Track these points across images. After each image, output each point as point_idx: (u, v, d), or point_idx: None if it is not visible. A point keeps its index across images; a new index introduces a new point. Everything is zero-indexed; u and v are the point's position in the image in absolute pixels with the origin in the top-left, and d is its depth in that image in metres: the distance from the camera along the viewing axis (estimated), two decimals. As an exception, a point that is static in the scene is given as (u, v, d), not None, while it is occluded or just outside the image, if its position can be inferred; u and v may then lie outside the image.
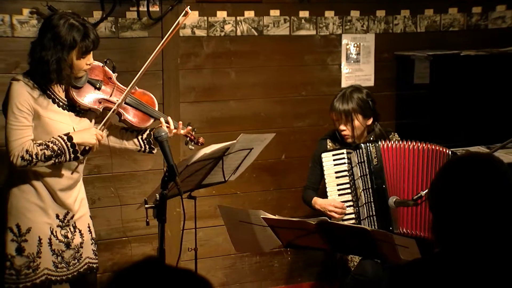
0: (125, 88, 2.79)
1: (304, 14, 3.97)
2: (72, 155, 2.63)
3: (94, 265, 2.88)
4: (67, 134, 2.63)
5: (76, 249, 2.80)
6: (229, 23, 3.82)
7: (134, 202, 3.60)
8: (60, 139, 2.61)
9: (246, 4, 3.82)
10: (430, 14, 4.27)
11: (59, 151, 2.59)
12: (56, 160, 2.61)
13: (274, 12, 3.90)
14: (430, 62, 3.94)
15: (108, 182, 3.06)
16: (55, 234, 2.74)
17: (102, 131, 2.73)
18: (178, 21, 2.79)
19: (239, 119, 3.90)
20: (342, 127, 3.23)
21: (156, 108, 2.90)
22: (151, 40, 3.62)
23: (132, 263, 1.16)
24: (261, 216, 2.69)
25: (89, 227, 2.88)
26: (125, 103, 2.80)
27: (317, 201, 3.26)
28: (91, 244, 2.87)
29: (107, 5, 3.49)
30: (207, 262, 3.91)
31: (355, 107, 3.20)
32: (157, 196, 2.41)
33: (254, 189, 4.01)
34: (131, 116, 2.82)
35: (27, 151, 2.56)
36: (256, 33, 3.88)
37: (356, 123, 3.21)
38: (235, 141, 2.79)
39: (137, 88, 2.89)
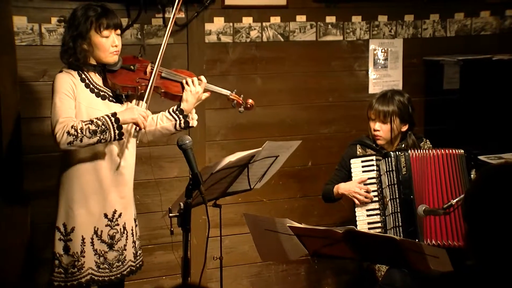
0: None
1: (330, 19, 3.92)
2: (117, 131, 2.65)
3: (134, 268, 2.92)
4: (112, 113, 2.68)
5: (120, 251, 2.85)
6: (254, 29, 3.79)
7: (160, 210, 3.59)
8: (104, 115, 2.67)
9: (272, 10, 3.80)
10: (460, 18, 4.18)
11: (103, 126, 2.63)
12: (101, 137, 2.63)
13: (300, 18, 3.86)
14: (460, 67, 3.86)
15: (134, 189, 3.06)
16: (99, 234, 2.80)
17: (146, 108, 2.77)
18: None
19: (265, 126, 3.86)
20: (377, 126, 3.19)
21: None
22: (177, 46, 3.61)
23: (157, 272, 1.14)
24: (287, 224, 2.65)
25: (132, 229, 2.92)
26: (162, 77, 2.87)
27: (340, 186, 3.20)
28: (132, 247, 2.90)
29: (133, 12, 3.50)
30: (233, 270, 3.87)
31: (395, 109, 3.16)
32: (181, 204, 2.38)
33: (281, 197, 3.97)
34: (170, 87, 2.88)
35: (72, 126, 2.61)
36: (282, 39, 3.85)
37: (393, 126, 3.16)
38: (260, 148, 2.75)
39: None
